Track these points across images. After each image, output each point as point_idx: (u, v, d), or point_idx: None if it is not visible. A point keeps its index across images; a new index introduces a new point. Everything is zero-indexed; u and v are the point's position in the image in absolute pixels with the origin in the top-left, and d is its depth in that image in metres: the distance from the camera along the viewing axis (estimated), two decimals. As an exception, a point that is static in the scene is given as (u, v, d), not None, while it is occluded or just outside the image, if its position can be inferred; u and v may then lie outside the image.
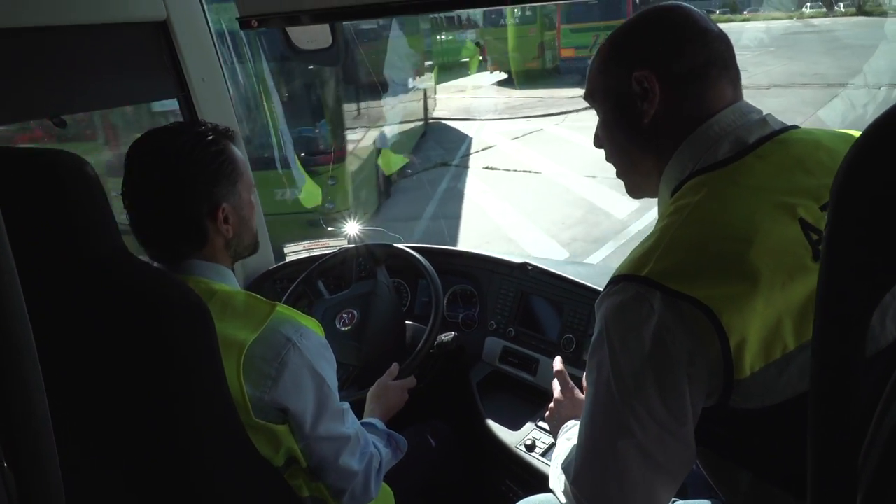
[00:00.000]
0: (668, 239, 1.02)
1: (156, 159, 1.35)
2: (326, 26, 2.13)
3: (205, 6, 2.17)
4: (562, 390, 1.62)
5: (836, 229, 0.57)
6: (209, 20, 2.18)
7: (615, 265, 1.09)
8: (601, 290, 1.07)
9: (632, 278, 1.00)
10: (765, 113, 1.13)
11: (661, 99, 1.12)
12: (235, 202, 1.43)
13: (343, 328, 2.16)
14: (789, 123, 1.14)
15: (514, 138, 13.78)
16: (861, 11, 37.65)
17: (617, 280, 1.03)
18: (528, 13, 20.47)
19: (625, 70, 1.15)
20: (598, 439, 1.04)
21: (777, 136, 1.08)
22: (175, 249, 1.39)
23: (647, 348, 0.97)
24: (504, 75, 22.50)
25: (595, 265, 2.47)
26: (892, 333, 0.94)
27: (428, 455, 2.03)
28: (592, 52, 19.64)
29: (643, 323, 0.97)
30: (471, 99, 19.68)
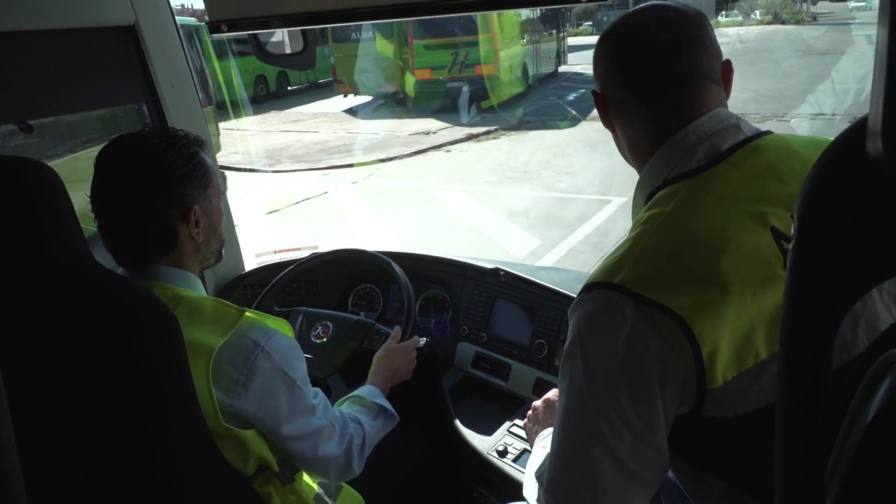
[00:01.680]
0: (640, 247, 1.03)
1: (128, 161, 1.34)
2: (297, 31, 2.13)
3: (173, 11, 2.15)
4: (544, 398, 1.63)
5: (802, 240, 0.57)
6: (178, 25, 2.16)
7: (584, 273, 1.10)
8: (574, 295, 1.08)
9: (604, 285, 1.01)
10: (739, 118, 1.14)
11: (622, 114, 1.16)
12: (206, 207, 1.42)
13: (318, 341, 2.15)
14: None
15: (269, 212, 9.30)
16: (778, 20, 37.52)
17: (589, 287, 1.03)
18: (385, 25, 17.03)
19: (598, 84, 1.20)
20: (572, 446, 1.04)
21: (750, 142, 1.09)
22: (144, 253, 1.37)
23: (619, 356, 0.97)
24: (366, 98, 19.36)
25: (568, 271, 2.47)
26: (864, 342, 0.95)
27: (400, 461, 2.02)
28: (452, 72, 16.86)
29: (616, 330, 0.97)
30: (297, 134, 15.59)
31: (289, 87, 22.96)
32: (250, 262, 2.67)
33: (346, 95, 19.48)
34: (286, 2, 1.77)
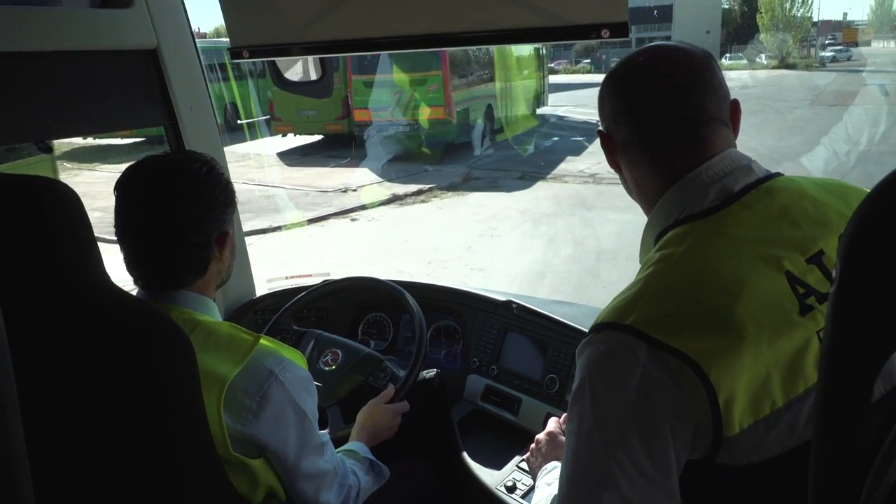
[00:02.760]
0: (653, 288, 1.01)
1: (166, 186, 1.32)
2: (316, 59, 2.15)
3: (194, 36, 2.17)
4: (547, 431, 1.60)
5: (844, 285, 0.56)
6: (199, 49, 2.18)
7: (602, 307, 1.08)
8: (586, 330, 1.06)
9: (616, 326, 0.99)
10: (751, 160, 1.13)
11: (630, 154, 1.16)
12: (234, 231, 1.44)
13: (326, 368, 2.14)
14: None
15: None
16: (784, 64, 36.69)
17: (599, 328, 1.01)
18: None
19: (602, 123, 1.20)
20: (581, 490, 1.01)
21: (762, 183, 1.08)
22: (175, 278, 1.36)
23: (631, 399, 0.95)
24: (309, 139, 17.21)
25: (581, 306, 2.45)
26: None
27: (407, 493, 1.99)
28: (395, 115, 14.99)
29: (627, 374, 0.95)
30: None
31: (238, 121, 18.89)
32: (261, 288, 2.66)
33: (284, 135, 17.13)
34: (307, 30, 1.78)
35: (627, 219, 8.27)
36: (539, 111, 21.27)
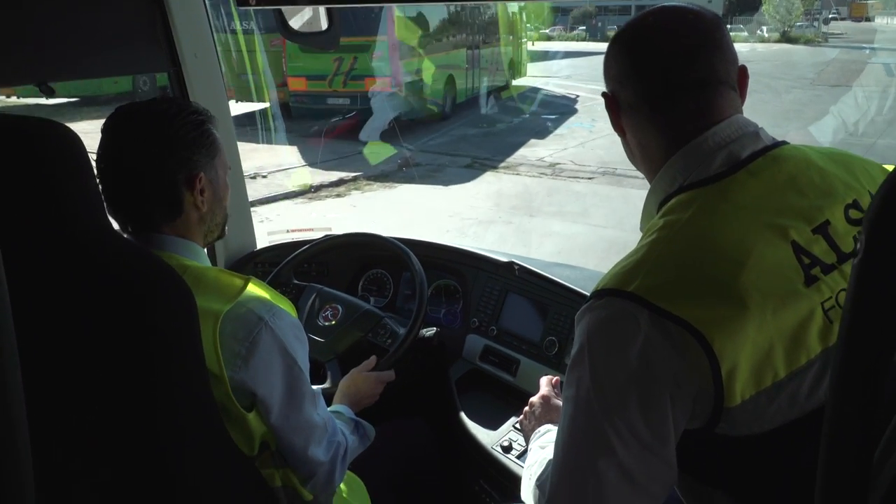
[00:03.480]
0: (657, 254, 0.99)
1: (135, 124, 1.34)
2: (322, 9, 2.10)
3: (201, -20, 2.12)
4: (540, 394, 1.60)
5: (871, 252, 0.55)
6: (205, -5, 2.13)
7: (601, 273, 1.06)
8: (587, 293, 1.05)
9: (617, 293, 0.97)
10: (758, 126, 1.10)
11: (633, 116, 1.12)
12: (212, 176, 1.41)
13: (325, 323, 2.13)
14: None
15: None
16: (786, 38, 35.18)
17: (600, 294, 1.00)
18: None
19: (607, 86, 1.16)
20: (577, 456, 1.01)
21: (769, 151, 1.05)
22: (148, 218, 1.36)
23: (631, 366, 0.94)
24: (259, 105, 13.11)
25: (584, 269, 2.44)
26: None
27: (402, 450, 2.00)
28: (334, 85, 12.61)
29: (628, 340, 0.94)
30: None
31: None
32: (262, 241, 2.65)
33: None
34: None
35: (574, 233, 7.51)
36: (516, 82, 19.08)
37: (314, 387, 1.49)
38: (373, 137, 11.98)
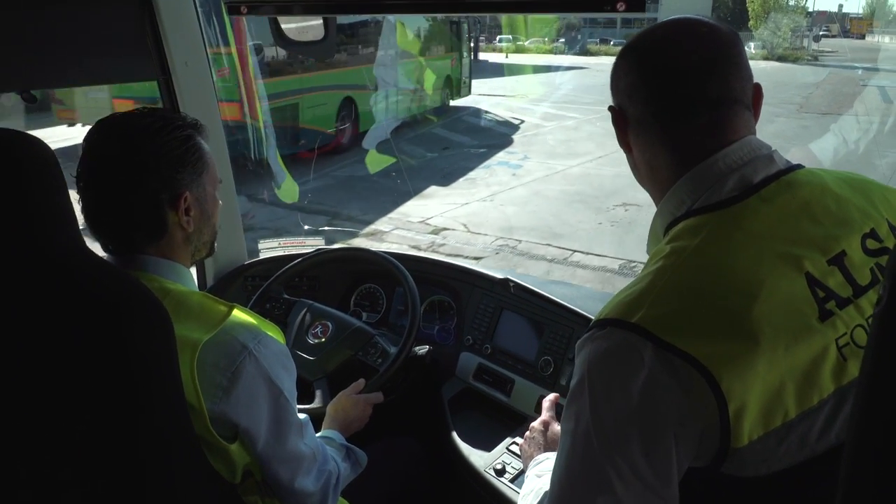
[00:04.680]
0: (663, 283, 0.94)
1: (116, 139, 1.28)
2: (319, 18, 2.06)
3: (192, -15, 2.07)
4: (541, 419, 1.56)
5: (892, 305, 0.50)
6: (197, 1, 2.09)
7: (602, 289, 1.02)
8: (584, 313, 1.01)
9: (620, 324, 0.93)
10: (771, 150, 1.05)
11: (644, 134, 1.07)
12: (199, 194, 1.35)
13: (315, 340, 2.08)
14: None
15: None
16: (774, 56, 33.91)
17: (603, 324, 0.95)
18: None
19: (614, 100, 1.11)
20: (574, 494, 0.96)
21: (783, 176, 1.01)
22: (129, 239, 1.30)
23: (633, 402, 0.89)
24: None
25: (581, 287, 2.39)
26: None
27: (393, 472, 1.95)
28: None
29: (631, 375, 0.90)
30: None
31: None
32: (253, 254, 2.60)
33: (71, 124, 11.01)
34: None
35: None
36: (458, 102, 16.89)
37: (301, 414, 1.43)
38: (372, 146, 11.04)
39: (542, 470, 1.33)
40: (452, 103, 16.91)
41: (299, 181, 9.29)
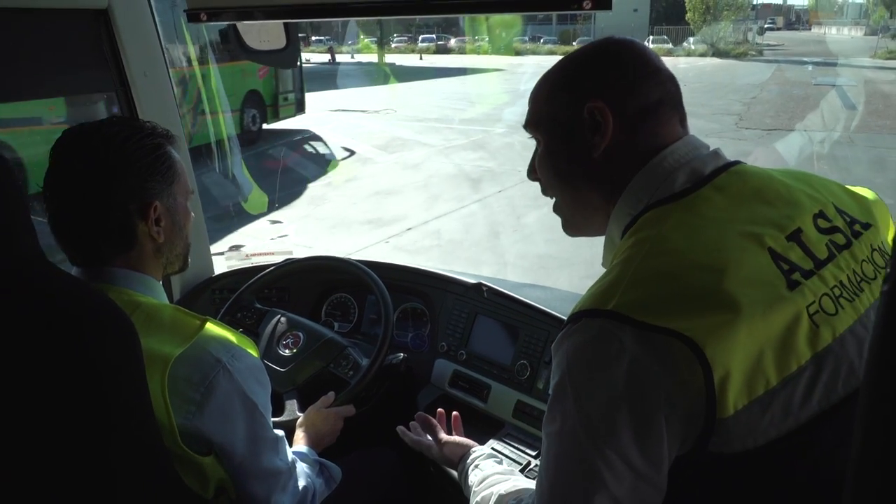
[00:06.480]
0: (633, 270, 0.95)
1: (82, 147, 1.24)
2: (280, 25, 2.03)
3: (148, -5, 2.02)
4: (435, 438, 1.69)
5: None
6: (154, 10, 2.04)
7: (577, 290, 1.01)
8: (560, 315, 0.99)
9: (595, 313, 0.92)
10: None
11: (613, 133, 1.07)
12: (170, 204, 1.32)
13: (284, 351, 2.05)
14: None
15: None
16: (714, 51, 32.47)
17: (577, 317, 0.94)
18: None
19: (576, 100, 1.09)
20: (566, 496, 0.95)
21: (731, 167, 1.06)
22: (97, 251, 1.26)
23: (618, 389, 0.88)
24: None
25: (555, 290, 2.37)
26: None
27: (370, 483, 1.92)
28: None
29: (612, 362, 0.89)
30: None
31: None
32: (220, 266, 2.55)
33: None
34: None
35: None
36: (277, 125, 13.79)
37: (277, 430, 1.40)
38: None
39: (482, 463, 1.48)
40: (273, 126, 13.62)
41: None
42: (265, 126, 13.37)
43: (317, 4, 1.65)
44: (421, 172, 11.21)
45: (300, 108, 14.27)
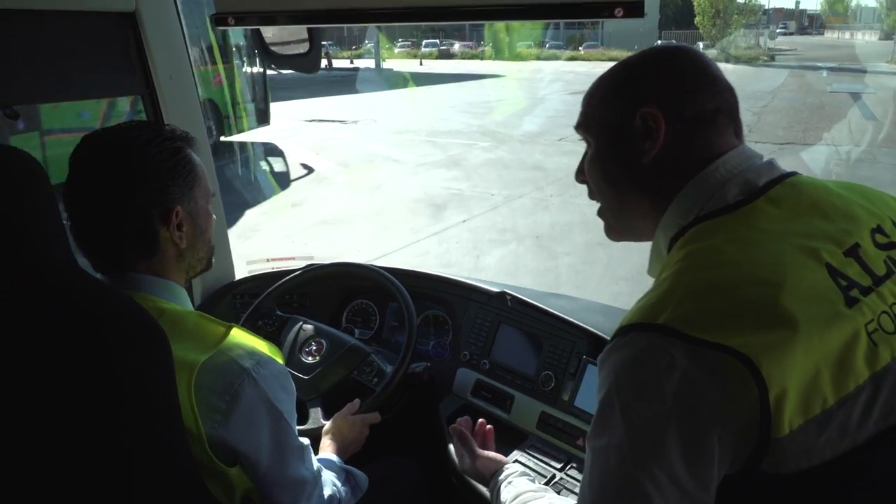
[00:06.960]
0: (684, 285, 0.92)
1: (103, 152, 1.23)
2: (304, 30, 2.02)
3: (176, -1, 2.02)
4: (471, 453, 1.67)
5: None
6: (181, 14, 2.04)
7: (601, 301, 0.98)
8: (585, 326, 0.97)
9: (645, 327, 0.90)
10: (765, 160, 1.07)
11: (665, 140, 1.05)
12: (191, 208, 1.30)
13: (308, 359, 2.03)
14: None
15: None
16: (724, 56, 31.81)
17: (626, 331, 0.92)
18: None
19: (630, 104, 1.07)
20: None
21: (786, 179, 1.02)
22: (119, 257, 1.25)
23: (667, 406, 0.86)
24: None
25: (580, 300, 2.34)
26: None
27: (392, 493, 1.90)
28: None
29: (662, 377, 0.86)
30: None
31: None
32: (241, 271, 2.54)
33: None
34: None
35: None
36: (238, 137, 12.81)
37: (303, 438, 1.38)
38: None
39: (515, 479, 1.46)
40: (234, 138, 12.66)
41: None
42: (223, 139, 12.34)
43: (342, 9, 1.64)
44: (380, 195, 9.99)
45: (263, 118, 13.16)
